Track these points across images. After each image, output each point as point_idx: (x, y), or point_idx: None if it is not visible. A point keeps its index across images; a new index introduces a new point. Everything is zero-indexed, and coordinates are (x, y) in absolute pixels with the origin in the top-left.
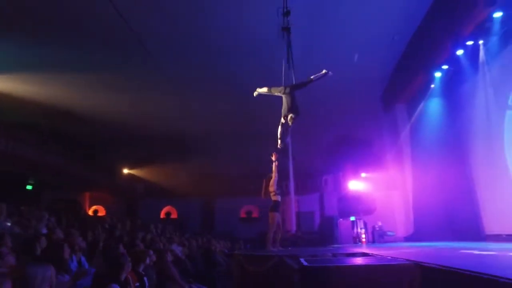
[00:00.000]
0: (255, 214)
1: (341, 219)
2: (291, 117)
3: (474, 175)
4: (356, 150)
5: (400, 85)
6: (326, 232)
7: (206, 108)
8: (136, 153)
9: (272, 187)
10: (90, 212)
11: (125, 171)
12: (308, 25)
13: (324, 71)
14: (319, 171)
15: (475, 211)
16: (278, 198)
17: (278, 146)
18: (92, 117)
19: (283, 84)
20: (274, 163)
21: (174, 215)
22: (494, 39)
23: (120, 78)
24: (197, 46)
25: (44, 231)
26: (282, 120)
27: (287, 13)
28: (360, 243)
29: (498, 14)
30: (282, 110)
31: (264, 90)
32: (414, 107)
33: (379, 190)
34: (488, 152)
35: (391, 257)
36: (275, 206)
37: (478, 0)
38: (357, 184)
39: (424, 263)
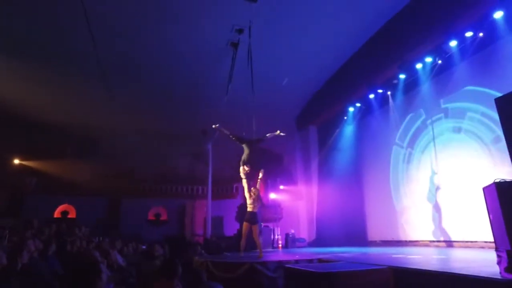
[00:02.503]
0: (163, 217)
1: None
2: (243, 168)
3: (364, 194)
4: (269, 163)
5: (316, 110)
6: (249, 238)
7: (120, 106)
8: (33, 143)
9: (259, 200)
10: None
11: (16, 161)
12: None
13: (278, 131)
14: (229, 178)
15: (362, 223)
16: (256, 210)
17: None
18: None
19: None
20: (259, 180)
21: (72, 215)
22: (399, 92)
23: (23, 60)
24: (124, 40)
25: None
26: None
27: (240, 30)
28: (277, 249)
29: (402, 76)
30: (242, 159)
31: (225, 131)
32: (325, 131)
33: (288, 201)
34: (377, 177)
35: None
36: (253, 217)
37: (390, 62)
38: (272, 194)
39: (397, 266)
